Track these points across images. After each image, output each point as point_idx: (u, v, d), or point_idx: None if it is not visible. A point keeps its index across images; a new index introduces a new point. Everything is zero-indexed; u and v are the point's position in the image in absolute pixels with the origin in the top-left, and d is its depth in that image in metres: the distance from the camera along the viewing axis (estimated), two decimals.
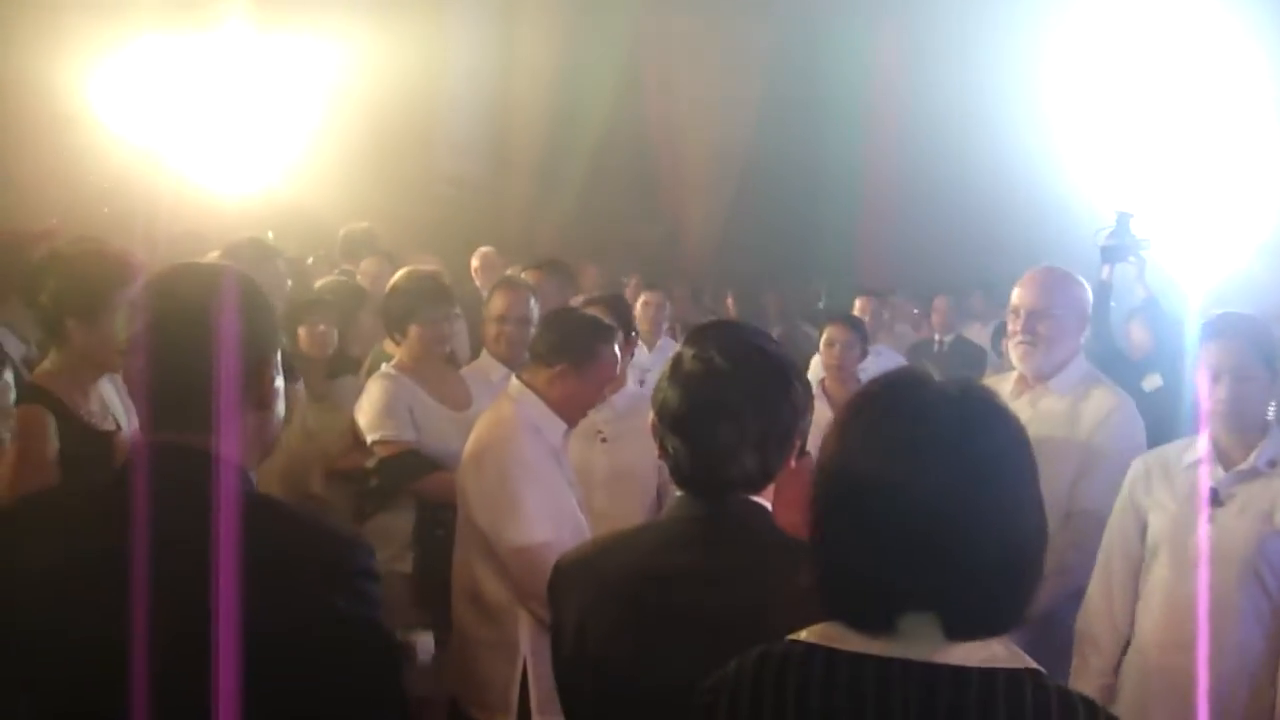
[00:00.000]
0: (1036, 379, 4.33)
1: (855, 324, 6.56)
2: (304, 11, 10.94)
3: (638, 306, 7.66)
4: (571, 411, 3.97)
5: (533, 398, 3.92)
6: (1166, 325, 6.33)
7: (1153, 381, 6.35)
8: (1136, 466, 3.90)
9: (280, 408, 2.17)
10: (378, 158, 11.53)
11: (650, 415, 2.32)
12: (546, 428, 3.90)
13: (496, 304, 5.28)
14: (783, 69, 14.95)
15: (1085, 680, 3.78)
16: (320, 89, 10.87)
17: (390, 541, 4.79)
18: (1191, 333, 5.89)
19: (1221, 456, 3.68)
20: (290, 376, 3.23)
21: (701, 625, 2.12)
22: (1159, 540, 3.74)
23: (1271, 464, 3.60)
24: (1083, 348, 4.51)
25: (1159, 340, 6.47)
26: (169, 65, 10.02)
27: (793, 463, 2.28)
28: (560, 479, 3.88)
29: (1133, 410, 4.29)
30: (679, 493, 2.30)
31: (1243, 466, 3.62)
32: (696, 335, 2.33)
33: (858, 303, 8.09)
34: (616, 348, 4.06)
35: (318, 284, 6.88)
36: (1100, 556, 3.88)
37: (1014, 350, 4.40)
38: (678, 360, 2.29)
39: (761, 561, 2.18)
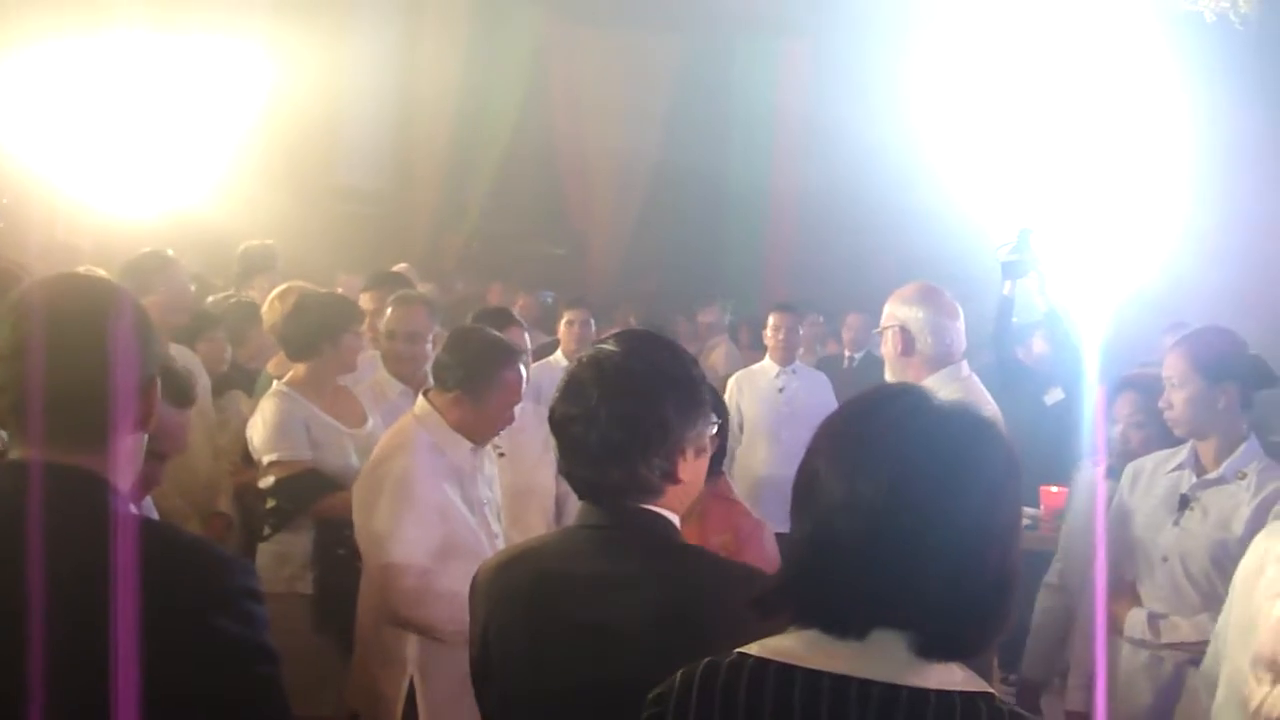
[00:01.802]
0: None
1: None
2: (202, 23, 10.75)
3: (561, 325, 7.60)
4: (474, 433, 3.94)
5: (435, 418, 3.90)
6: (1067, 339, 6.40)
7: (1054, 395, 6.43)
8: (1128, 470, 4.12)
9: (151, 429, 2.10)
10: (280, 171, 11.33)
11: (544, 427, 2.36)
12: (449, 448, 3.88)
13: (389, 320, 5.20)
14: (690, 83, 14.98)
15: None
16: (220, 103, 10.67)
17: (289, 561, 4.71)
18: (1090, 347, 5.99)
19: (1198, 464, 3.89)
20: (184, 399, 3.12)
21: (598, 630, 2.15)
22: (1136, 541, 3.96)
23: (1240, 474, 3.78)
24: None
25: (1059, 354, 6.54)
26: (62, 77, 9.78)
27: (690, 478, 2.29)
28: (449, 501, 3.84)
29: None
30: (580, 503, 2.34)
31: (1211, 475, 3.83)
32: (597, 343, 2.38)
33: (772, 318, 7.79)
34: (521, 368, 4.02)
35: (209, 299, 6.76)
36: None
37: None
38: (568, 371, 2.33)
39: (659, 568, 2.21)
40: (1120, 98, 9.45)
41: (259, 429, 4.79)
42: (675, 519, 2.29)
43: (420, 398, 4.01)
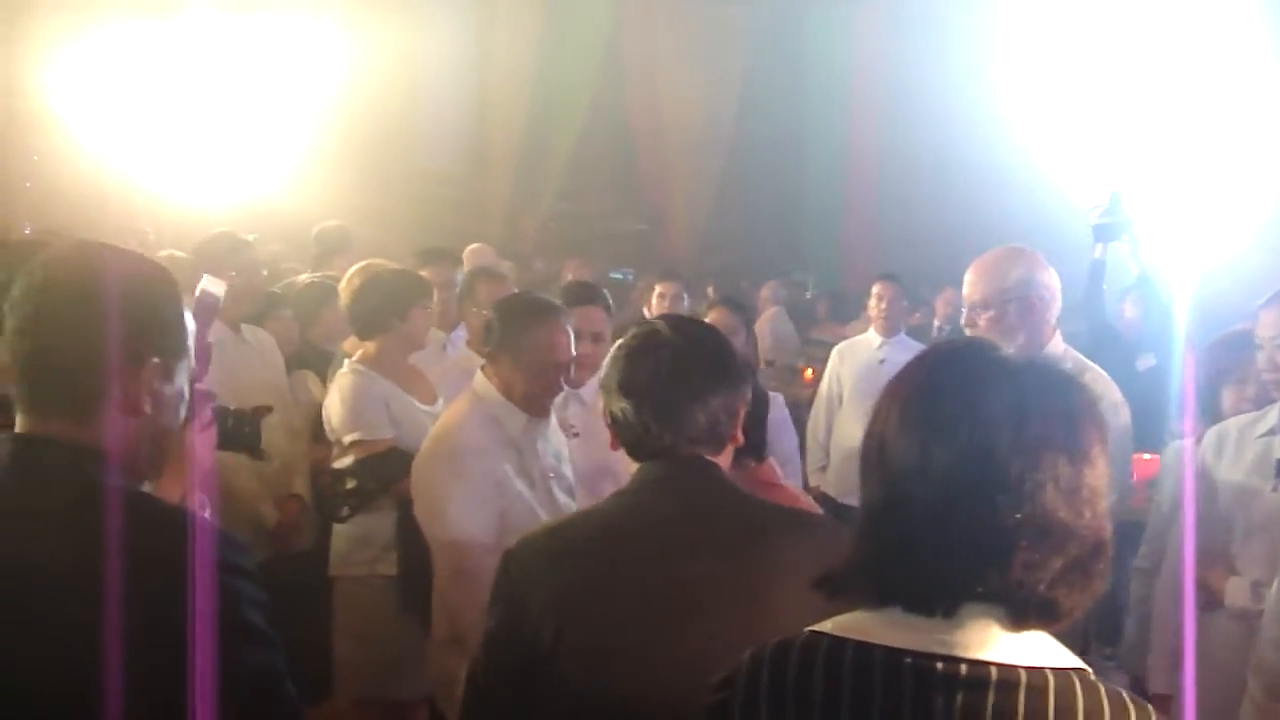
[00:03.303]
0: None
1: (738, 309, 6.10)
2: (278, 9, 10.79)
3: (653, 298, 7.45)
4: (527, 401, 3.82)
5: (491, 390, 3.82)
6: (1159, 304, 6.22)
7: (1146, 361, 6.25)
8: (1210, 435, 3.93)
9: (169, 418, 2.02)
10: (357, 157, 11.40)
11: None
12: (506, 419, 3.79)
13: (482, 296, 5.12)
14: (763, 52, 14.85)
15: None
16: (297, 89, 10.72)
17: (369, 543, 4.64)
18: (1182, 312, 5.82)
19: None
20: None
21: (691, 576, 2.19)
22: (1229, 509, 3.78)
23: None
24: (1073, 329, 4.39)
25: (1151, 319, 6.36)
26: (141, 68, 9.87)
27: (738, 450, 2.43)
28: (506, 475, 3.75)
29: (1117, 399, 4.05)
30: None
31: None
32: (641, 321, 2.57)
33: (876, 288, 7.48)
34: (567, 329, 3.87)
35: (281, 283, 6.76)
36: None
37: None
38: (623, 340, 2.45)
39: (736, 506, 2.33)
40: (1211, 57, 9.18)
41: (337, 408, 4.72)
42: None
43: (478, 372, 3.93)
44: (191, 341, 2.05)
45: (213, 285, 3.23)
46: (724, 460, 2.40)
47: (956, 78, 11.39)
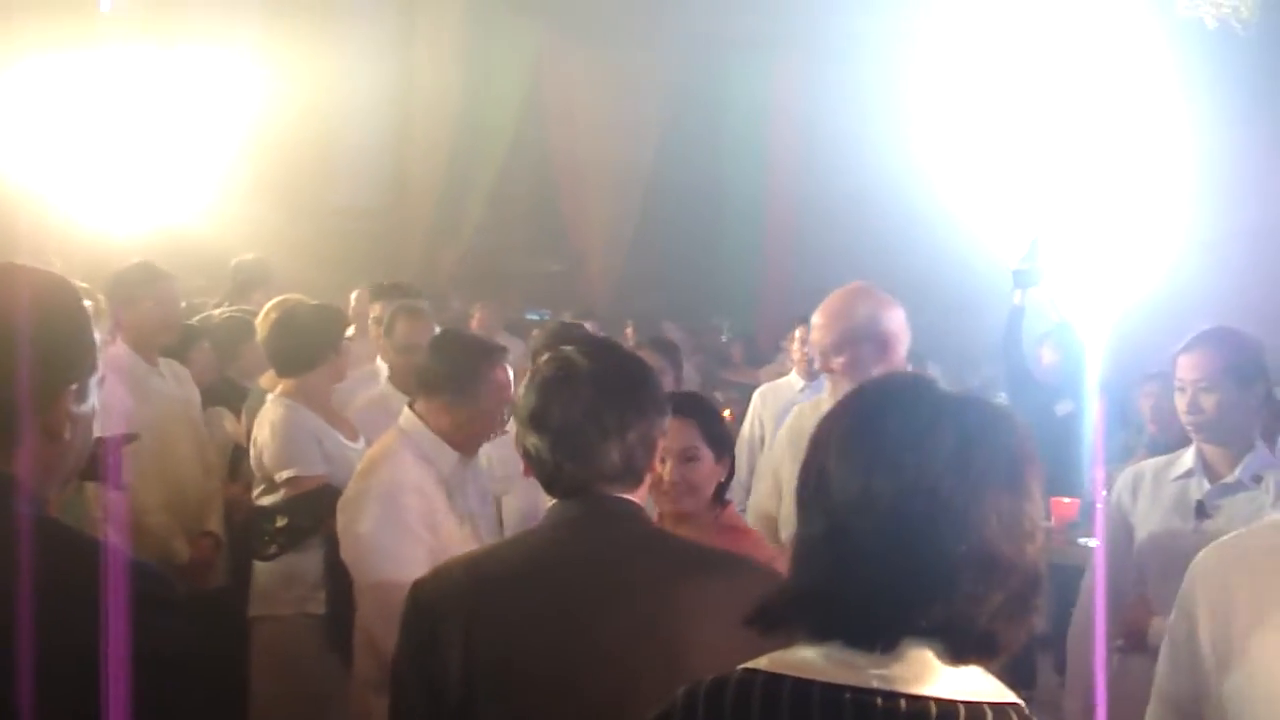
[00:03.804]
0: None
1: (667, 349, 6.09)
2: (194, 38, 10.68)
3: None
4: (464, 440, 3.79)
5: (421, 428, 3.75)
6: (1076, 350, 6.30)
7: (1065, 407, 6.34)
8: (1123, 478, 3.94)
9: (80, 442, 1.96)
10: (274, 190, 11.26)
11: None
12: (436, 457, 3.73)
13: (404, 333, 5.05)
14: (684, 98, 14.92)
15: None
16: (213, 119, 10.59)
17: (297, 582, 4.53)
18: (1095, 358, 5.91)
19: (1208, 470, 3.75)
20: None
21: (601, 622, 2.16)
22: (1145, 551, 3.78)
23: (1256, 478, 3.66)
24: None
25: (1069, 364, 6.46)
26: (53, 93, 9.69)
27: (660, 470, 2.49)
28: (438, 513, 3.69)
29: None
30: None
31: (1228, 479, 3.69)
32: (554, 344, 2.55)
33: (797, 330, 7.41)
34: (508, 369, 3.86)
35: (198, 317, 6.65)
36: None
37: None
38: (535, 368, 2.40)
39: (651, 548, 2.30)
40: (1122, 104, 9.39)
41: (269, 443, 4.61)
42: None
43: (405, 409, 3.87)
44: (100, 356, 1.99)
45: None
46: (641, 494, 2.37)
47: (875, 127, 11.52)
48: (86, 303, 1.98)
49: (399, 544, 3.56)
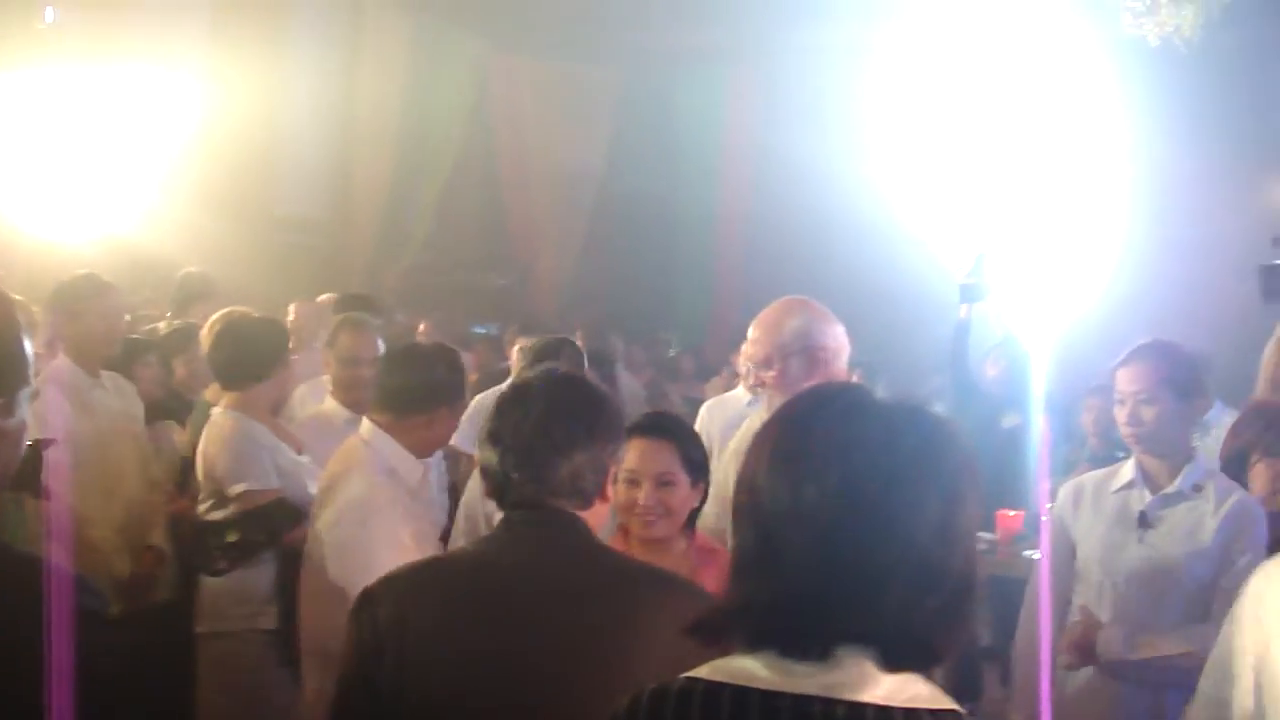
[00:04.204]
0: None
1: None
2: (136, 48, 10.57)
3: (513, 352, 7.36)
4: (427, 451, 3.84)
5: (386, 439, 3.72)
6: (1022, 363, 6.35)
7: (1010, 419, 6.38)
8: (1064, 491, 3.99)
9: (10, 453, 1.94)
10: (216, 201, 11.14)
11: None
12: (403, 469, 3.71)
13: (346, 346, 4.99)
14: (634, 112, 14.94)
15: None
16: (159, 130, 10.48)
17: (248, 598, 4.47)
18: (1040, 371, 5.96)
19: (1148, 480, 3.79)
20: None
21: (531, 618, 2.23)
22: (1088, 563, 3.82)
23: (1196, 488, 3.70)
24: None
25: (1014, 378, 6.50)
26: None
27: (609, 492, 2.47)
28: (416, 523, 3.68)
29: None
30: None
31: (1169, 490, 3.73)
32: (544, 356, 2.72)
33: (745, 346, 7.44)
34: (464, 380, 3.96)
35: (144, 329, 6.58)
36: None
37: None
38: (500, 394, 2.55)
39: (592, 561, 2.36)
40: (1066, 120, 9.49)
41: (220, 456, 4.54)
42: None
43: (365, 421, 3.83)
44: (31, 369, 1.96)
45: None
46: (595, 517, 2.43)
47: (826, 142, 11.58)
48: (20, 316, 1.95)
49: (394, 562, 3.54)
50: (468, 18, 14.14)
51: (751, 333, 3.99)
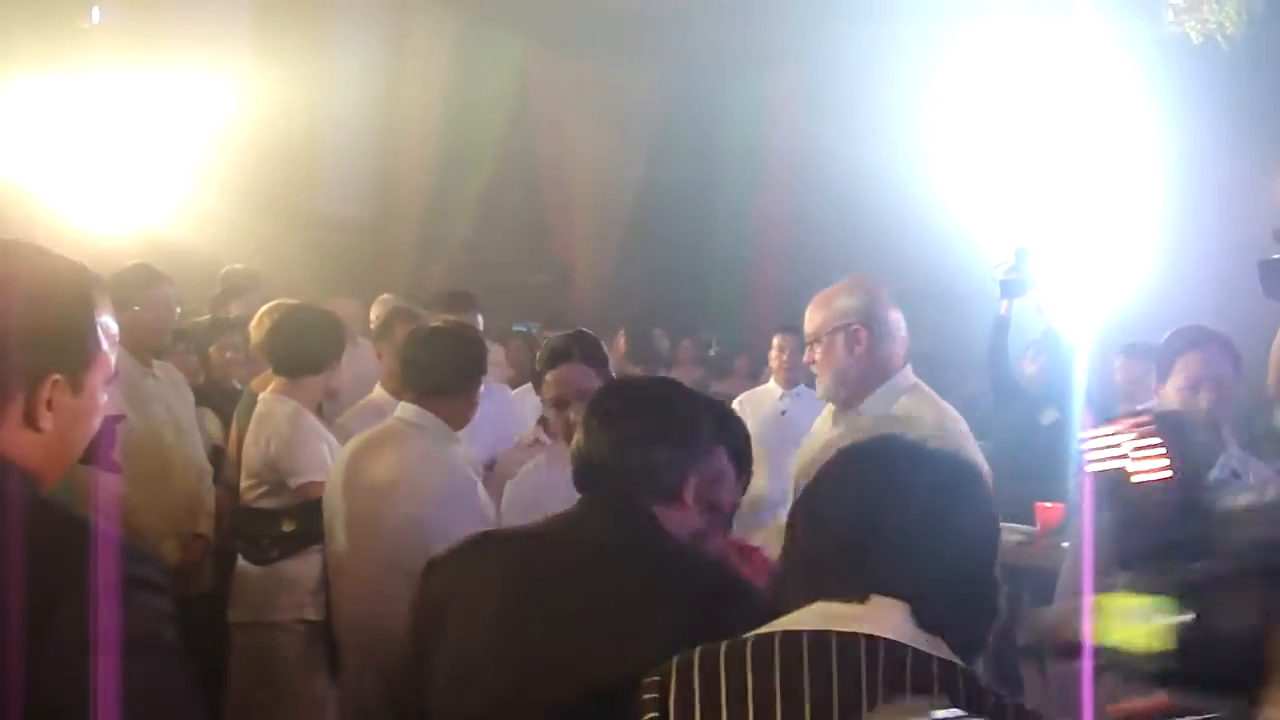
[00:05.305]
0: (844, 406, 3.90)
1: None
2: (185, 48, 10.68)
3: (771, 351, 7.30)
4: (459, 424, 3.97)
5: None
6: (1062, 359, 6.34)
7: (1050, 415, 6.37)
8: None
9: (78, 431, 1.97)
10: (259, 199, 11.24)
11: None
12: (462, 451, 3.91)
13: (400, 336, 5.04)
14: (673, 111, 14.97)
15: None
16: (202, 127, 10.58)
17: (294, 587, 4.52)
18: (1081, 366, 5.94)
19: None
20: None
21: (584, 606, 2.23)
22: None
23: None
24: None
25: (1054, 374, 6.49)
26: (41, 96, 9.69)
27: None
28: (488, 501, 3.83)
29: (963, 429, 3.83)
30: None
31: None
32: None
33: (776, 340, 7.39)
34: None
35: (192, 320, 6.67)
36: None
37: None
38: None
39: (647, 541, 2.33)
40: (1107, 117, 9.45)
41: (280, 445, 4.56)
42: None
43: (405, 404, 3.91)
44: (107, 347, 1.97)
45: None
46: (682, 521, 2.40)
47: (864, 139, 11.57)
48: (96, 295, 1.97)
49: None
50: (510, 18, 14.20)
51: (807, 312, 3.93)
